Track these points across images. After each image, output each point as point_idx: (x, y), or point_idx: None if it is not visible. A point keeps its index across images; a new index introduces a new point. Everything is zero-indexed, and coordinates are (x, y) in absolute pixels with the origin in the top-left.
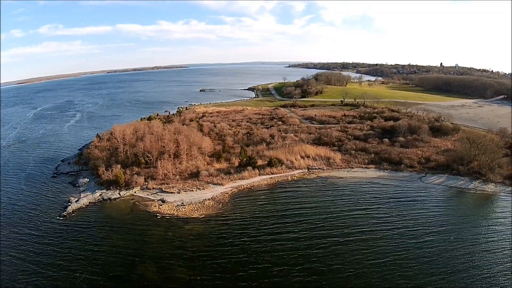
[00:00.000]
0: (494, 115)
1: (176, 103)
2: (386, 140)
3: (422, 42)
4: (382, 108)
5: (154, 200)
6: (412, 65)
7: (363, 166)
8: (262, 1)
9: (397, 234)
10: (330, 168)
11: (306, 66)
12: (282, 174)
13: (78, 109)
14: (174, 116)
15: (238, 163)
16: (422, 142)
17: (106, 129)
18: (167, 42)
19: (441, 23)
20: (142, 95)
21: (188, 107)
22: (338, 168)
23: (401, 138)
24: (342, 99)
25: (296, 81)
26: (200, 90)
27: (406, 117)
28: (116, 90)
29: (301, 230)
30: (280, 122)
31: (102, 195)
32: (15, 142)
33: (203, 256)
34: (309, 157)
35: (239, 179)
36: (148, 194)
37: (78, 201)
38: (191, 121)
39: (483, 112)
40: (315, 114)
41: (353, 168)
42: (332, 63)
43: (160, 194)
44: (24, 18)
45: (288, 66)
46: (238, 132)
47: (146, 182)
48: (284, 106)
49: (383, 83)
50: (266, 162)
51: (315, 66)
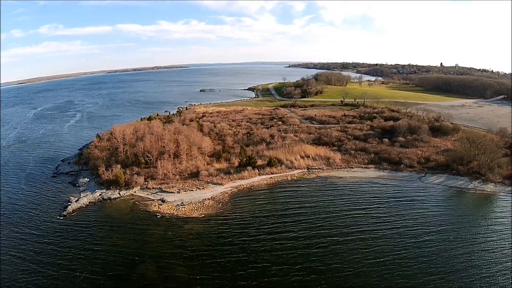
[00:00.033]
0: (494, 115)
1: (176, 103)
2: (386, 140)
3: (422, 42)
4: (382, 108)
5: (154, 199)
6: (412, 65)
7: (363, 166)
8: (262, 1)
9: (396, 234)
10: (330, 168)
11: (306, 66)
12: (281, 174)
13: (78, 109)
14: (174, 116)
15: (238, 163)
16: (422, 142)
17: (106, 129)
18: (167, 42)
19: (441, 23)
20: (142, 95)
21: (188, 107)
22: (338, 168)
23: (401, 138)
24: (342, 99)
25: (296, 81)
26: (200, 90)
27: (406, 117)
28: (116, 90)
29: (300, 230)
30: (280, 122)
31: (102, 195)
32: (15, 142)
33: (203, 255)
34: (309, 157)
35: (239, 179)
36: (148, 194)
37: (78, 200)
38: (191, 121)
39: (483, 112)
40: (315, 114)
41: (352, 168)
42: (332, 63)
43: (160, 193)
44: (24, 18)
45: (288, 66)
46: (238, 132)
47: (146, 182)
48: (284, 106)
49: (383, 83)
50: (266, 162)
51: (315, 66)
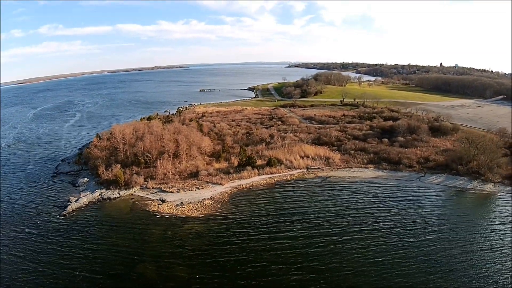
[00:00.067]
0: (494, 115)
1: (175, 103)
2: (386, 140)
3: (422, 42)
4: (381, 108)
5: (153, 199)
6: (412, 65)
7: (362, 166)
8: (262, 1)
9: (395, 233)
10: (329, 168)
11: (306, 66)
12: (281, 174)
13: (78, 109)
14: (173, 116)
15: (238, 163)
16: (422, 142)
17: (106, 129)
18: (167, 42)
19: (441, 23)
20: (141, 95)
21: (187, 107)
22: (337, 168)
23: (400, 138)
24: (342, 99)
25: (295, 81)
26: (200, 90)
27: (405, 117)
28: (116, 90)
29: (299, 229)
30: (279, 122)
31: (102, 195)
32: (15, 142)
33: (202, 255)
34: (308, 157)
35: (238, 179)
36: (147, 194)
37: (78, 200)
38: (191, 121)
39: (483, 112)
40: (315, 114)
41: (352, 168)
42: (332, 63)
43: (159, 193)
44: (24, 18)
45: (288, 66)
46: (238, 132)
47: (146, 182)
48: (283, 106)
49: (383, 83)
50: (265, 162)
51: (315, 66)
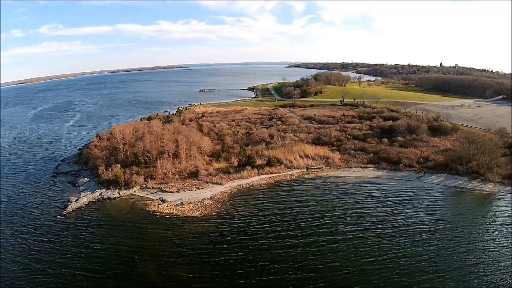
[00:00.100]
0: (493, 115)
1: (175, 103)
2: (385, 140)
3: (422, 42)
4: (381, 108)
5: (153, 199)
6: (411, 65)
7: (362, 165)
8: (262, 1)
9: (394, 233)
10: (329, 167)
11: (306, 66)
12: (281, 174)
13: (78, 109)
14: (173, 116)
15: (237, 163)
16: (421, 141)
17: (106, 129)
18: (167, 42)
19: (441, 23)
20: (141, 95)
21: (187, 107)
22: (337, 167)
23: (400, 138)
24: (342, 99)
25: (295, 81)
26: (199, 90)
27: (405, 117)
28: (116, 90)
29: (299, 229)
30: (279, 122)
31: (102, 195)
32: (15, 142)
33: (202, 254)
34: (308, 156)
35: (238, 179)
36: (147, 194)
37: (78, 200)
38: (191, 121)
39: (482, 112)
40: (315, 114)
41: (352, 167)
42: (332, 63)
43: (159, 193)
44: (24, 18)
45: (288, 66)
46: (238, 132)
47: (146, 182)
48: (283, 106)
49: (383, 83)
50: (265, 162)
51: (315, 66)
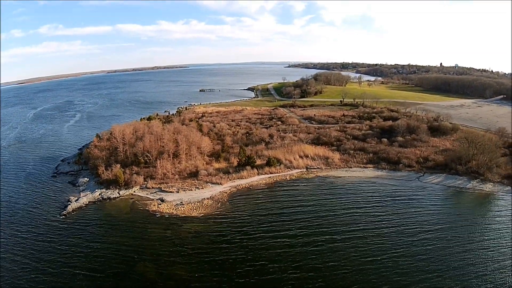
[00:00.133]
0: (493, 115)
1: (175, 103)
2: (385, 140)
3: (422, 42)
4: (381, 108)
5: (153, 199)
6: (411, 65)
7: (362, 165)
8: (262, 1)
9: (394, 232)
10: (329, 167)
11: (306, 66)
12: (280, 174)
13: (78, 109)
14: (173, 116)
15: (237, 163)
16: (421, 142)
17: (106, 129)
18: (167, 42)
19: (441, 23)
20: (141, 95)
21: (187, 107)
22: (337, 167)
23: (399, 138)
24: (342, 99)
25: (295, 81)
26: (199, 90)
27: (405, 117)
28: (115, 90)
29: (298, 228)
30: (279, 122)
31: (102, 195)
32: (15, 142)
33: (202, 254)
34: (307, 156)
35: (238, 179)
36: (147, 194)
37: (78, 200)
38: (191, 121)
39: (482, 112)
40: (314, 114)
41: (351, 167)
42: (331, 63)
43: (159, 193)
44: (24, 18)
45: (288, 66)
46: (237, 132)
47: (146, 182)
48: (283, 106)
49: (383, 83)
50: (265, 162)
51: (315, 66)
